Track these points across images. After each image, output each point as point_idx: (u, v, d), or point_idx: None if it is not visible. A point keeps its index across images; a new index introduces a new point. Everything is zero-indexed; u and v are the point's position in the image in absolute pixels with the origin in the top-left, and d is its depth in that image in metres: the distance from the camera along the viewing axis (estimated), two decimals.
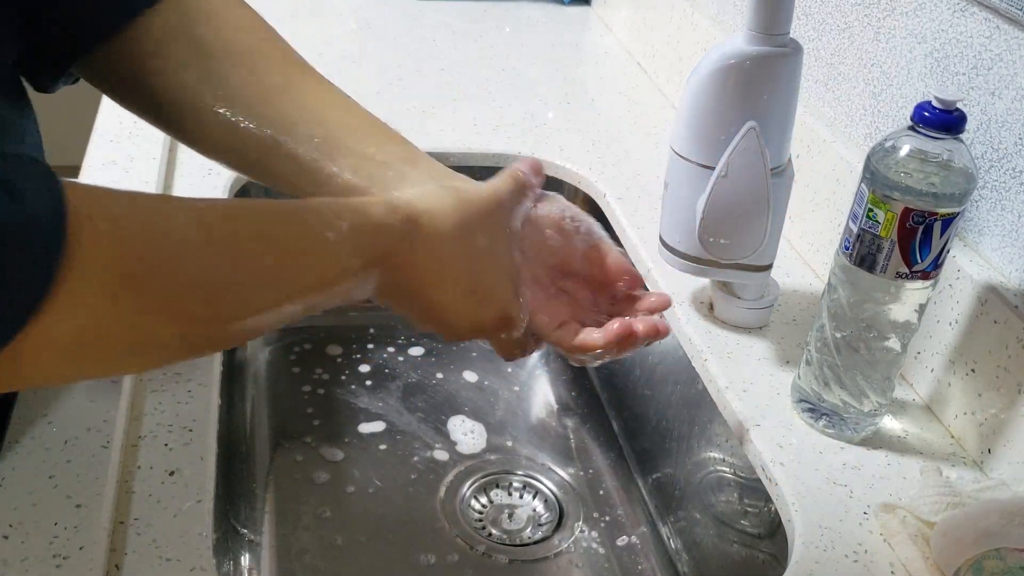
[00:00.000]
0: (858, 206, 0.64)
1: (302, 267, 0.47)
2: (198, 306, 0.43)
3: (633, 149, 1.09)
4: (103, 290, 0.38)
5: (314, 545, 0.81)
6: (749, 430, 0.70)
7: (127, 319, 0.40)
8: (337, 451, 0.90)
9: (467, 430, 0.94)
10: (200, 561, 0.55)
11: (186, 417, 0.65)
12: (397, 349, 1.03)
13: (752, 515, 0.72)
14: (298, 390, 0.97)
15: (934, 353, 0.72)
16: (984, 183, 0.69)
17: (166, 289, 0.41)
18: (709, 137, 0.70)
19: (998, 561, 0.54)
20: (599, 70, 1.32)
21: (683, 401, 0.83)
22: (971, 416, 0.69)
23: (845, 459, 0.68)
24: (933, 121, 0.60)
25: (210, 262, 0.43)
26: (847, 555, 0.61)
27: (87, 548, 0.54)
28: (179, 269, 0.42)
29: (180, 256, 0.42)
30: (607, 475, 0.92)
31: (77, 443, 0.61)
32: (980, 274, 0.68)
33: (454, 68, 1.25)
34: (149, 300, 0.40)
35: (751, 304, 0.79)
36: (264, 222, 0.47)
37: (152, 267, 0.41)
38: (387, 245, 0.50)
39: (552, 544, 0.84)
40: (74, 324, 0.38)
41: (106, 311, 0.39)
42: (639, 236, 0.92)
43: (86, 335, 0.39)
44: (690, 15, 1.15)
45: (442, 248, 0.53)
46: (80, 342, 0.39)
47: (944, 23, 0.73)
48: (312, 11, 1.39)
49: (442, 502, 0.86)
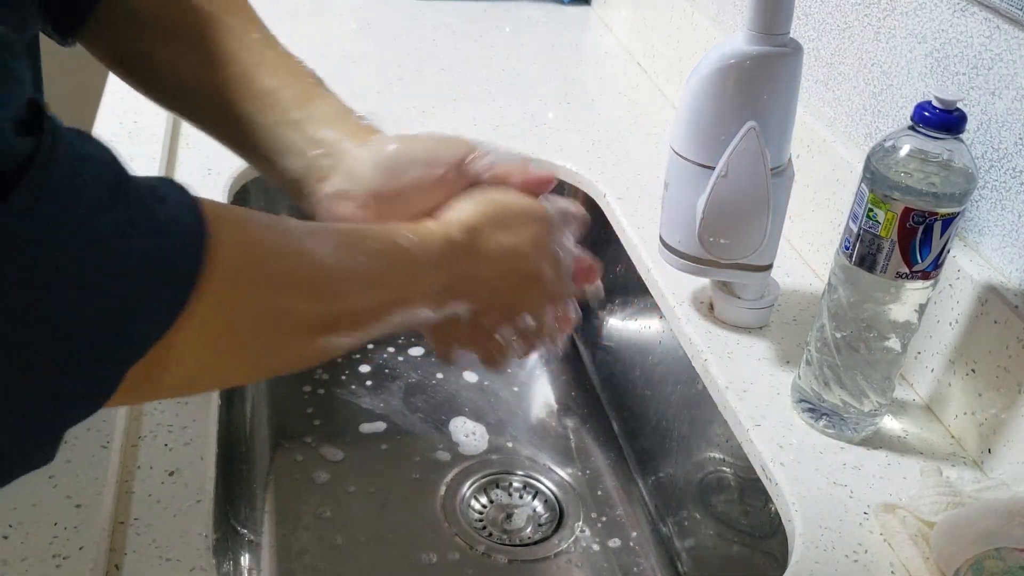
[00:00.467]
0: (858, 206, 0.64)
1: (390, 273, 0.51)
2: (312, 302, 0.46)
3: (633, 149, 1.09)
4: (242, 274, 0.42)
5: (314, 545, 0.81)
6: (749, 430, 0.70)
7: (261, 307, 0.43)
8: (337, 451, 0.90)
9: (468, 431, 0.94)
10: (200, 561, 0.55)
11: (186, 417, 0.65)
12: (397, 349, 1.03)
13: (752, 515, 0.72)
14: (298, 390, 0.97)
15: (934, 353, 0.72)
16: (984, 183, 0.69)
17: (289, 283, 0.45)
18: (709, 137, 0.70)
19: (998, 561, 0.54)
20: (599, 70, 1.32)
21: (683, 401, 0.83)
22: (971, 416, 0.69)
23: (845, 459, 0.68)
24: (933, 121, 0.60)
25: (321, 257, 0.46)
26: (847, 555, 0.61)
27: (87, 548, 0.54)
28: (296, 261, 0.45)
29: (295, 250, 0.46)
30: (607, 475, 0.92)
31: (77, 443, 0.61)
32: (980, 274, 0.68)
33: (454, 68, 1.25)
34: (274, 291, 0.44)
35: (751, 304, 0.79)
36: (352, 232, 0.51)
37: (275, 258, 0.44)
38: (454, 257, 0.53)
39: (552, 544, 0.84)
40: (221, 310, 0.41)
41: (244, 297, 0.42)
42: (639, 236, 0.92)
43: (228, 323, 0.42)
44: (690, 15, 1.15)
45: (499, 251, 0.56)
46: (223, 331, 0.42)
47: (944, 23, 0.73)
48: (312, 11, 1.39)
49: (442, 502, 0.86)
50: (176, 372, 0.41)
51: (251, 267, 0.43)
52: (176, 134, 0.99)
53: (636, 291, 0.92)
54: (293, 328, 0.46)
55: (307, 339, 0.47)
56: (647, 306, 0.90)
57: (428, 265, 0.52)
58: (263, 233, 0.45)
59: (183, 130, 1.00)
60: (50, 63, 0.60)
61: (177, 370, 0.41)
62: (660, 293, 0.85)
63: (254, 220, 0.45)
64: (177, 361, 0.40)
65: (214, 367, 0.44)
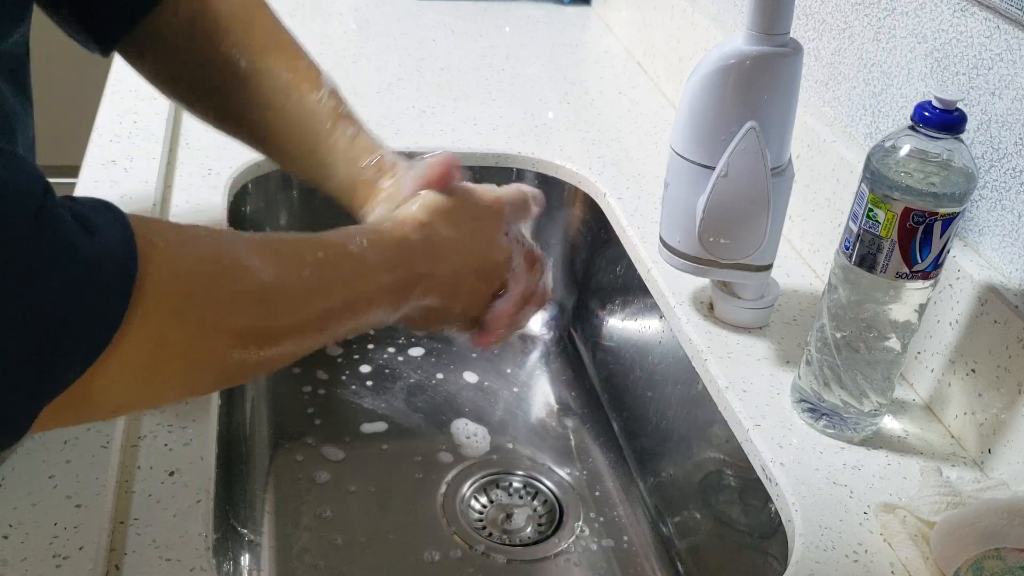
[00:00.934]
0: (858, 206, 0.64)
1: (337, 279, 0.51)
2: (251, 319, 0.46)
3: (633, 149, 1.09)
4: (170, 310, 0.41)
5: (314, 545, 0.81)
6: (749, 430, 0.70)
7: (191, 336, 0.43)
8: (338, 451, 0.90)
9: (470, 433, 0.94)
10: (200, 561, 0.55)
11: (186, 417, 0.65)
12: (397, 349, 1.03)
13: (752, 515, 0.72)
14: (298, 390, 0.97)
15: (934, 353, 0.72)
16: (984, 183, 0.69)
17: (223, 303, 0.44)
18: (709, 137, 0.70)
19: (998, 561, 0.54)
20: (599, 70, 1.32)
21: (683, 401, 0.83)
22: (971, 416, 0.69)
23: (845, 459, 0.68)
24: (933, 121, 0.60)
25: (259, 276, 0.46)
26: (847, 555, 0.61)
27: (87, 548, 0.54)
28: (233, 283, 0.45)
29: (232, 271, 0.45)
30: (607, 475, 0.92)
31: (77, 443, 0.61)
32: (980, 274, 0.68)
33: (454, 68, 1.25)
34: (209, 315, 0.43)
35: (751, 304, 0.79)
36: (297, 242, 0.50)
37: (210, 283, 0.44)
38: (408, 254, 0.54)
39: (552, 544, 0.84)
40: (146, 345, 0.40)
41: (173, 330, 0.41)
42: (639, 236, 0.92)
43: (155, 355, 0.41)
44: (690, 15, 1.15)
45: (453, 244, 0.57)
46: (150, 363, 0.41)
47: (944, 23, 0.73)
48: (312, 11, 1.39)
49: (442, 502, 0.87)
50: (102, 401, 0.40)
51: (183, 298, 0.42)
52: (176, 134, 0.99)
53: (636, 291, 0.92)
54: (230, 346, 0.45)
55: (248, 354, 0.46)
56: (647, 306, 0.90)
57: (381, 267, 0.53)
58: (198, 259, 0.44)
59: (183, 130, 1.00)
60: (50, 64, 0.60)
61: (103, 399, 0.40)
62: (660, 293, 0.85)
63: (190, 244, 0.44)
64: (102, 392, 0.39)
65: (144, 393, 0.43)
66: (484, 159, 1.04)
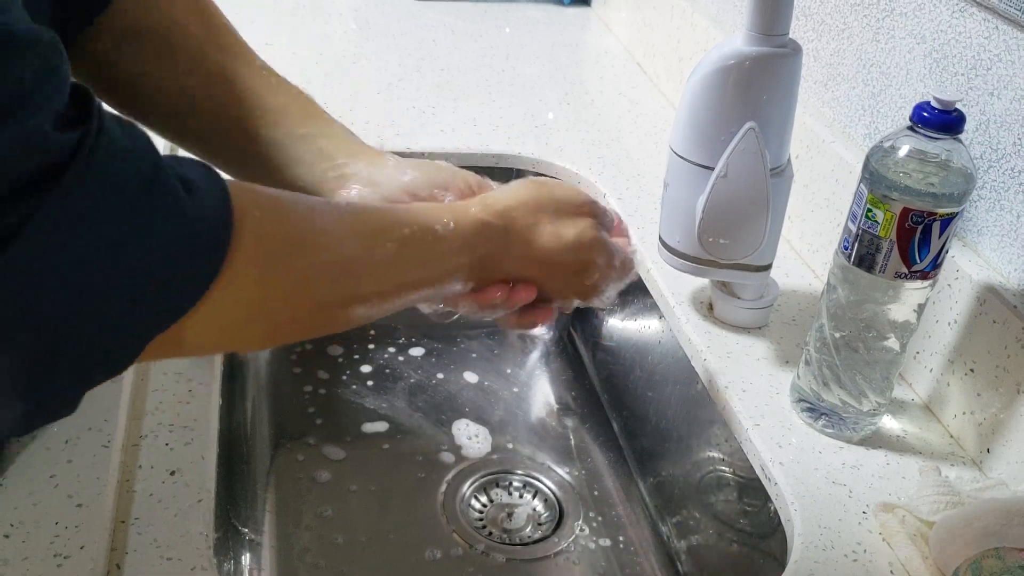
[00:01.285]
0: (857, 206, 0.64)
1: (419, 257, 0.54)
2: (333, 287, 0.49)
3: (633, 149, 1.09)
4: (257, 274, 0.45)
5: (315, 544, 0.81)
6: (748, 430, 0.70)
7: (275, 298, 0.46)
8: (339, 450, 0.90)
9: (472, 434, 0.94)
10: (201, 561, 0.55)
11: (187, 417, 0.65)
12: (398, 350, 1.03)
13: (752, 515, 0.72)
14: (299, 390, 0.97)
15: (933, 353, 0.72)
16: (983, 183, 0.69)
17: (307, 271, 0.47)
18: (709, 137, 0.70)
19: (997, 561, 0.54)
20: (599, 70, 1.32)
21: (683, 401, 0.83)
22: (970, 416, 0.69)
23: (844, 459, 0.68)
24: (932, 121, 0.60)
25: (344, 249, 0.49)
26: (846, 555, 0.61)
27: (88, 547, 0.54)
28: (319, 253, 0.48)
29: (319, 242, 0.48)
30: (607, 475, 0.92)
31: (78, 443, 0.61)
32: (979, 274, 0.68)
33: (454, 68, 1.25)
34: (293, 280, 0.47)
35: (751, 304, 0.79)
36: (386, 217, 0.54)
37: (296, 252, 0.47)
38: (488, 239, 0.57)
39: (552, 543, 0.84)
40: (233, 303, 0.44)
41: (258, 291, 0.45)
42: (639, 236, 0.92)
43: (242, 311, 0.45)
44: (690, 15, 1.15)
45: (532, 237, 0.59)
46: (236, 318, 0.45)
47: (943, 23, 0.73)
48: (312, 11, 1.39)
49: (442, 501, 0.87)
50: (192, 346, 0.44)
51: (273, 258, 0.46)
52: None
53: (636, 291, 0.92)
54: (312, 310, 0.49)
55: (329, 315, 0.50)
56: (647, 306, 0.90)
57: (460, 247, 0.55)
58: (289, 222, 0.47)
59: None
60: None
61: (193, 344, 0.44)
62: (660, 293, 0.86)
63: (283, 208, 0.48)
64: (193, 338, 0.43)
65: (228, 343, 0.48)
66: (484, 159, 1.04)
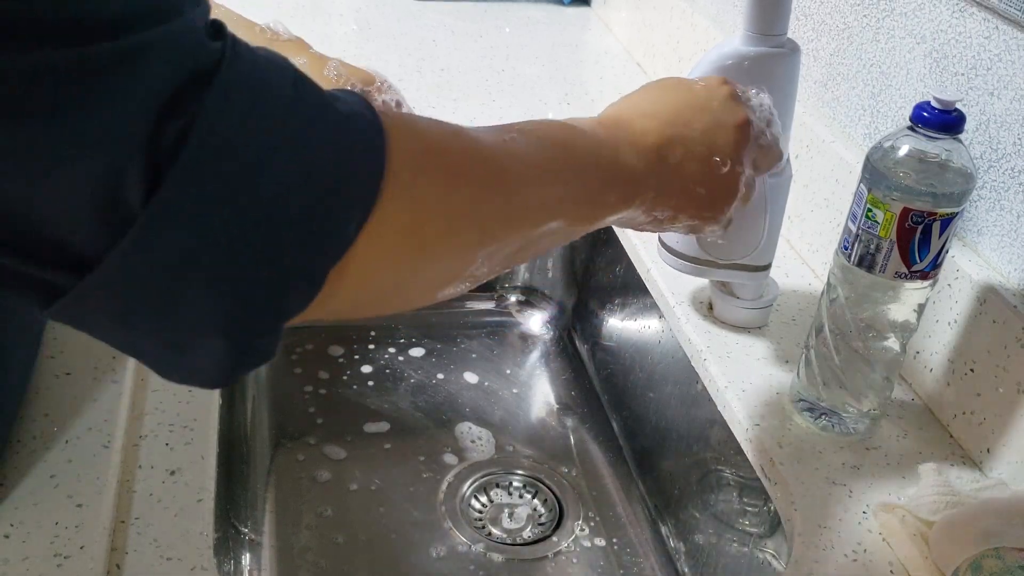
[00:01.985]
0: (857, 206, 0.64)
1: (579, 172, 0.53)
2: (494, 198, 0.47)
3: None
4: (417, 166, 0.42)
5: (316, 544, 0.81)
6: (748, 429, 0.70)
7: (440, 192, 0.44)
8: (339, 450, 0.90)
9: (475, 436, 0.94)
10: (201, 560, 0.56)
11: (187, 416, 0.66)
12: (398, 350, 1.03)
13: (752, 515, 0.72)
14: (300, 390, 0.97)
15: (933, 353, 0.72)
16: (983, 183, 0.69)
17: (469, 180, 0.46)
18: None
19: (997, 560, 0.54)
20: (599, 70, 1.32)
21: (683, 401, 0.83)
22: (970, 416, 0.69)
23: (844, 458, 0.68)
24: (932, 121, 0.60)
25: (492, 155, 0.48)
26: (846, 554, 0.61)
27: (88, 547, 0.54)
28: (476, 163, 0.46)
29: (477, 153, 0.47)
30: (607, 475, 0.92)
31: (78, 442, 0.61)
32: (979, 274, 0.68)
33: (454, 68, 1.25)
34: (453, 167, 0.45)
35: (750, 304, 0.79)
36: (548, 129, 0.54)
37: (448, 141, 0.45)
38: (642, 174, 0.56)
39: (552, 543, 0.84)
40: (405, 202, 0.41)
41: (423, 186, 0.42)
42: (638, 236, 0.92)
43: (414, 215, 0.42)
44: (690, 15, 1.15)
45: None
46: (411, 223, 0.42)
47: (943, 23, 0.73)
48: (312, 11, 1.39)
49: (442, 501, 0.87)
50: (373, 271, 0.41)
51: (427, 157, 0.43)
52: None
53: (636, 291, 0.92)
54: (471, 224, 0.46)
55: (486, 238, 0.47)
56: (647, 306, 0.90)
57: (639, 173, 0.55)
58: (430, 126, 0.45)
59: None
60: None
61: (374, 268, 0.41)
62: (660, 293, 0.86)
63: (420, 121, 0.45)
64: (373, 259, 0.40)
65: (412, 261, 0.44)
66: None
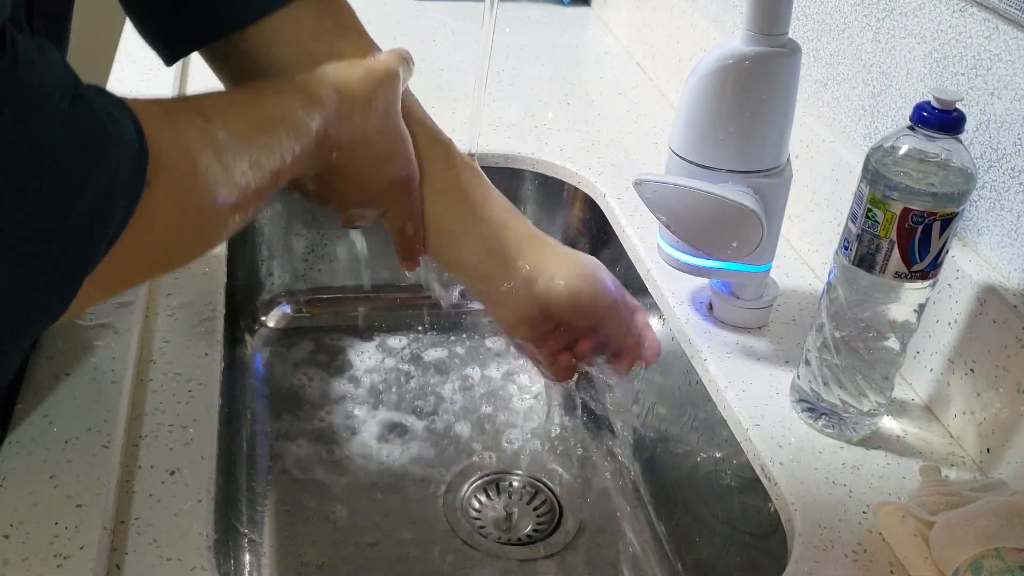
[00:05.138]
0: (857, 206, 0.64)
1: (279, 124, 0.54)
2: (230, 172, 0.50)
3: (633, 149, 1.09)
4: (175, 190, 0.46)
5: (315, 544, 0.81)
6: (748, 430, 0.70)
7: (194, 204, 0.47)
8: (338, 451, 0.90)
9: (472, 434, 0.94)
10: (200, 561, 0.55)
11: (187, 417, 0.65)
12: (399, 350, 1.03)
13: (752, 515, 0.72)
14: (299, 390, 0.97)
15: (933, 353, 0.72)
16: (983, 183, 0.69)
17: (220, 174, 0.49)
18: (708, 137, 0.70)
19: (997, 560, 0.54)
20: (599, 70, 1.32)
21: (683, 401, 0.83)
22: (970, 416, 0.69)
23: (844, 459, 0.68)
24: (932, 121, 0.60)
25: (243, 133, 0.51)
26: (846, 554, 0.61)
27: (88, 548, 0.54)
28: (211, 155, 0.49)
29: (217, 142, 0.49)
30: (607, 475, 0.92)
31: (78, 443, 0.61)
32: (979, 274, 0.68)
33: (454, 68, 1.25)
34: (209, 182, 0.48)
35: (750, 304, 0.79)
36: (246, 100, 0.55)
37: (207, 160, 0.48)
38: (326, 114, 0.57)
39: (552, 543, 0.84)
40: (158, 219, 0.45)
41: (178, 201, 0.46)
42: (639, 236, 0.92)
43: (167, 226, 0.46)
44: (689, 15, 1.15)
45: (357, 114, 0.59)
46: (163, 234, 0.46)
47: (943, 23, 0.73)
48: None
49: (442, 502, 0.87)
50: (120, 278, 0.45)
51: (186, 171, 0.46)
52: None
53: (636, 291, 0.92)
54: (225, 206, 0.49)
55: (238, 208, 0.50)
56: (647, 306, 0.90)
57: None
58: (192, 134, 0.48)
59: None
60: None
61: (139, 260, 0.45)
62: (660, 293, 0.86)
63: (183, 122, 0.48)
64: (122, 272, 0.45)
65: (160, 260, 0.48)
66: (484, 159, 1.04)
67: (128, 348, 0.69)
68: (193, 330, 0.74)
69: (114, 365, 0.67)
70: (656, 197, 0.72)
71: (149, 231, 0.44)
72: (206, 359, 0.71)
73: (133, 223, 0.42)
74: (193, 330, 0.74)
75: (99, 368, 0.67)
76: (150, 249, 0.46)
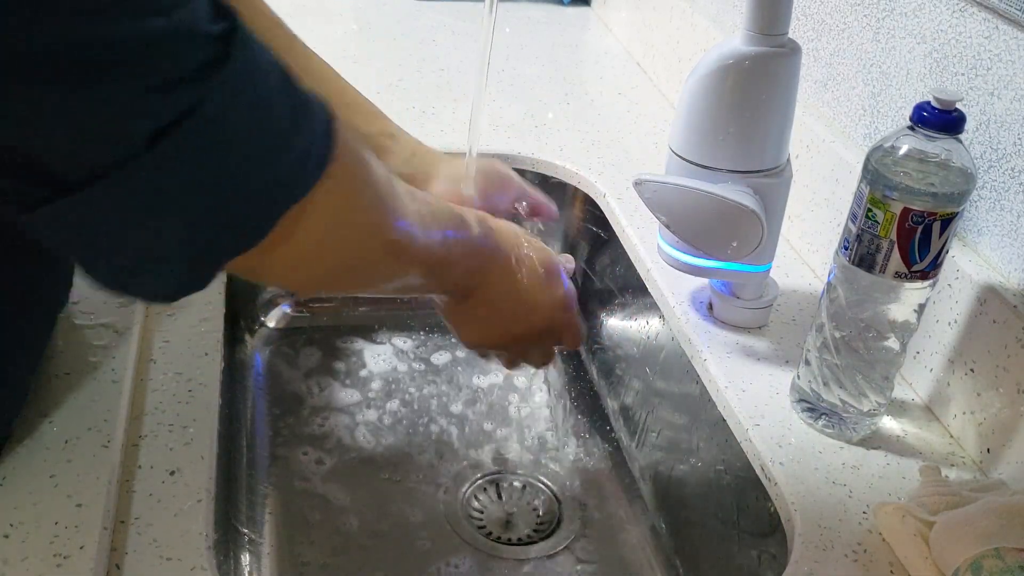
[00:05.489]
0: (857, 206, 0.64)
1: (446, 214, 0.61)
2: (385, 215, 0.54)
3: (633, 149, 1.09)
4: (350, 174, 0.50)
5: (314, 545, 0.81)
6: (748, 430, 0.70)
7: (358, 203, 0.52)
8: (338, 451, 0.90)
9: (472, 435, 0.94)
10: (200, 561, 0.55)
11: (186, 417, 0.65)
12: (400, 351, 1.03)
13: (752, 515, 0.72)
14: (299, 390, 0.97)
15: (933, 353, 0.72)
16: (983, 183, 0.69)
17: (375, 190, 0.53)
18: (708, 137, 0.70)
19: (997, 560, 0.54)
20: (599, 70, 1.32)
21: (683, 401, 0.83)
22: (970, 416, 0.69)
23: (844, 459, 0.68)
24: (932, 121, 0.60)
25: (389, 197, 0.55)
26: (846, 554, 0.61)
27: (87, 547, 0.54)
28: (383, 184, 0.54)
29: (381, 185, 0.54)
30: (607, 475, 0.92)
31: (78, 443, 0.61)
32: (979, 274, 0.68)
33: (454, 68, 1.25)
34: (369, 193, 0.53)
35: (750, 304, 0.79)
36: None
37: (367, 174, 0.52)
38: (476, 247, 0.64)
39: (552, 543, 0.84)
40: (333, 196, 0.48)
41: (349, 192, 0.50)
42: (639, 236, 0.92)
43: (337, 208, 0.49)
44: (689, 15, 1.15)
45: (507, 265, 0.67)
46: (333, 217, 0.49)
47: (943, 23, 0.73)
48: (312, 11, 1.39)
49: (442, 501, 0.87)
50: (297, 246, 0.48)
51: (357, 165, 0.51)
52: None
53: (636, 291, 0.92)
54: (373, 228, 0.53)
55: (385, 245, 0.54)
56: (647, 306, 0.90)
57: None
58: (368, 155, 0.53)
59: None
60: None
61: (299, 242, 0.47)
62: (660, 293, 0.86)
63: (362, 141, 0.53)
64: (302, 232, 0.47)
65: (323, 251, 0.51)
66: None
67: (128, 348, 0.69)
68: (193, 330, 0.74)
69: (114, 365, 0.67)
70: (656, 197, 0.72)
71: (314, 216, 0.47)
72: (206, 359, 0.71)
73: (303, 205, 0.45)
74: (193, 330, 0.74)
75: (99, 368, 0.67)
76: (305, 239, 0.48)
